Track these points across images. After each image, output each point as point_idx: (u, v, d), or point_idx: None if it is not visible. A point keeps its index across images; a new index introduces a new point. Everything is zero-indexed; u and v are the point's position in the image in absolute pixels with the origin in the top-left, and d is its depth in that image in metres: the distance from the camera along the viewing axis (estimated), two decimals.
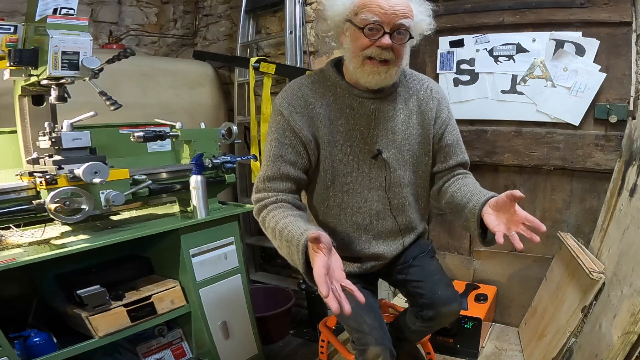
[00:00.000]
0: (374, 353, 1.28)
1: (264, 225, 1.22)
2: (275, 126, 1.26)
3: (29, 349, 1.34)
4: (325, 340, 1.78)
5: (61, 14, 1.43)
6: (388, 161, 1.29)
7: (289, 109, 1.24)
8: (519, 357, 2.05)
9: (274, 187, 1.24)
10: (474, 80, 2.24)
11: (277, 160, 1.23)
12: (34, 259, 1.26)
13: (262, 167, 1.27)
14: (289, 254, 1.08)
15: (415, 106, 1.33)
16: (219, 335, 1.77)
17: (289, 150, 1.24)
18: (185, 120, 1.89)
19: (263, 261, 2.96)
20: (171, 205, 2.01)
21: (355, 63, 1.19)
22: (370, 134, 1.27)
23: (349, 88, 1.25)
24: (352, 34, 1.18)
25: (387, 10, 1.13)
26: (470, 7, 2.18)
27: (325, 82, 1.28)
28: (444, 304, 1.31)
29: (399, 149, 1.30)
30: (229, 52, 2.95)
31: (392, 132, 1.28)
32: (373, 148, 1.27)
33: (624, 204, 1.70)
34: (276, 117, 1.26)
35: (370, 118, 1.26)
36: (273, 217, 1.17)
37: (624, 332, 1.34)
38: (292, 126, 1.23)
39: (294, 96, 1.26)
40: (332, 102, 1.26)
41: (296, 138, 1.23)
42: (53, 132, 1.48)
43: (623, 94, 1.93)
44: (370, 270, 1.38)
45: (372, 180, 1.30)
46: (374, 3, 1.13)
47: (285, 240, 1.07)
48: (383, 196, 1.31)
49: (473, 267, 2.42)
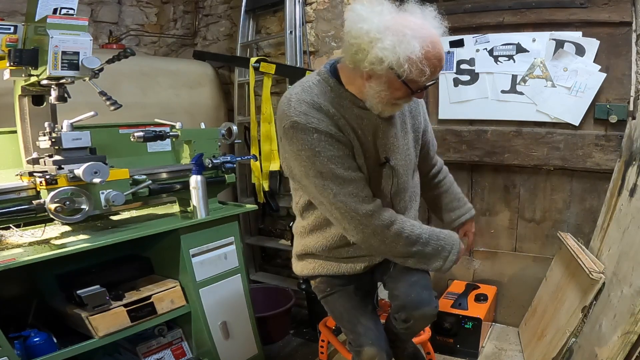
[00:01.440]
0: (369, 354, 1.28)
1: (399, 236, 1.21)
2: (320, 146, 1.14)
3: (29, 349, 1.34)
4: (325, 340, 1.78)
5: (61, 14, 1.43)
6: (395, 168, 1.29)
7: (321, 123, 1.15)
8: (519, 357, 2.05)
9: (369, 195, 1.21)
10: (474, 80, 2.24)
11: (349, 173, 1.18)
12: (34, 259, 1.26)
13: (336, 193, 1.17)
14: (434, 252, 1.26)
15: (407, 111, 1.35)
16: (219, 335, 1.77)
17: (350, 159, 1.19)
18: (185, 120, 1.89)
19: (263, 261, 2.96)
20: (171, 205, 2.01)
21: (385, 104, 1.16)
22: (379, 143, 1.26)
23: (354, 99, 1.20)
24: (389, 82, 1.10)
25: (440, 70, 1.12)
26: (470, 7, 2.18)
27: (330, 93, 1.21)
28: (416, 307, 1.27)
29: (402, 155, 1.30)
30: (229, 52, 2.95)
31: (396, 138, 1.28)
32: (381, 156, 1.27)
33: (624, 204, 1.70)
34: (312, 137, 1.14)
35: (377, 128, 1.24)
36: (412, 227, 1.23)
37: (624, 332, 1.34)
38: (336, 137, 1.16)
39: (315, 110, 1.16)
40: (344, 114, 1.20)
41: (346, 146, 1.19)
42: (53, 132, 1.49)
43: (623, 94, 1.93)
44: (362, 270, 1.37)
45: (381, 187, 1.29)
46: (435, 68, 1.08)
47: (437, 239, 1.27)
48: (387, 203, 1.30)
49: (473, 267, 2.42)
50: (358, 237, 1.22)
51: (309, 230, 1.37)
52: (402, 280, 1.32)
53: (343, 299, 1.37)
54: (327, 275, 1.38)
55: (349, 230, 1.22)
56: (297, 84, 1.25)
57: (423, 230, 1.25)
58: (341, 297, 1.37)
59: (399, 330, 1.36)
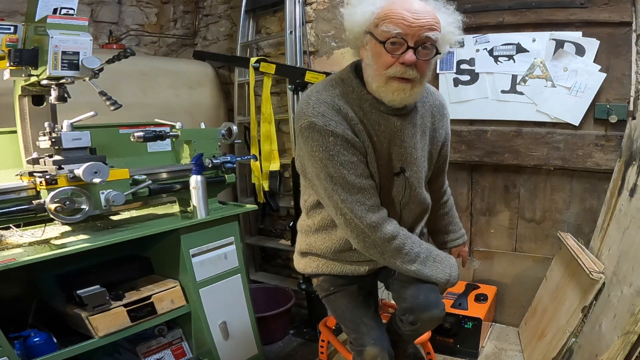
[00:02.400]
0: (371, 354, 1.28)
1: (399, 252, 1.21)
2: (334, 149, 1.13)
3: (29, 349, 1.34)
4: (325, 340, 1.78)
5: (61, 14, 1.43)
6: (410, 179, 1.27)
7: (338, 127, 1.13)
8: (519, 357, 2.05)
9: (376, 204, 1.20)
10: (474, 80, 2.24)
11: (360, 180, 1.17)
12: (34, 259, 1.26)
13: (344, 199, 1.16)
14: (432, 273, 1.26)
15: (429, 122, 1.31)
16: (219, 335, 1.77)
17: (362, 166, 1.17)
18: (185, 120, 1.89)
19: (263, 261, 2.96)
20: (171, 205, 2.01)
21: (379, 82, 1.13)
22: (395, 151, 1.23)
23: (375, 103, 1.18)
24: (372, 48, 1.10)
25: (412, 22, 1.03)
26: (470, 7, 2.18)
27: (351, 94, 1.18)
28: (424, 309, 1.26)
29: (418, 166, 1.28)
30: (229, 52, 2.95)
31: (415, 149, 1.26)
32: (397, 166, 1.24)
33: (624, 204, 1.70)
34: (328, 140, 1.12)
35: (395, 135, 1.21)
36: (412, 245, 1.23)
37: (624, 332, 1.34)
38: (352, 142, 1.15)
39: (334, 112, 1.14)
40: (362, 118, 1.18)
41: (361, 152, 1.17)
42: (53, 132, 1.48)
43: (623, 94, 1.93)
44: (366, 272, 1.37)
45: (393, 198, 1.28)
46: (397, 14, 1.04)
47: (434, 262, 1.26)
48: (396, 212, 1.29)
49: (473, 267, 2.42)
50: (359, 246, 1.23)
51: (315, 230, 1.36)
52: (409, 282, 1.31)
53: (346, 298, 1.37)
54: (330, 275, 1.38)
55: (351, 237, 1.22)
56: (321, 81, 1.24)
57: (422, 250, 1.25)
58: (344, 297, 1.37)
59: (404, 332, 1.36)
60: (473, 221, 2.39)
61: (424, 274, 1.24)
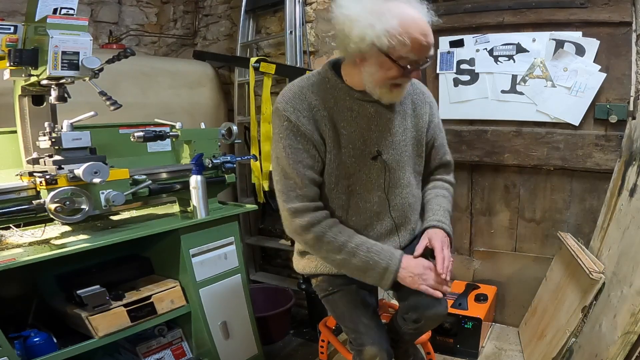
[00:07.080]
0: (370, 353, 1.28)
1: (321, 240, 1.22)
2: (284, 133, 1.21)
3: (29, 349, 1.34)
4: (325, 340, 1.78)
5: (61, 14, 1.44)
6: (387, 162, 1.29)
7: (295, 113, 1.20)
8: (519, 357, 2.05)
9: (308, 195, 1.22)
10: (474, 80, 2.24)
11: (298, 167, 1.21)
12: (34, 259, 1.26)
13: (280, 179, 1.23)
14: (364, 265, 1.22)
15: (410, 109, 1.35)
16: (219, 335, 1.77)
17: (305, 155, 1.21)
18: (185, 120, 1.89)
19: (263, 261, 2.96)
20: (171, 205, 2.01)
21: (382, 88, 1.18)
22: (370, 136, 1.27)
23: (349, 91, 1.24)
24: (380, 62, 1.13)
25: (425, 47, 1.11)
26: (470, 7, 2.18)
27: (325, 85, 1.25)
28: (428, 307, 1.26)
29: (397, 150, 1.31)
30: (229, 52, 2.95)
31: (391, 133, 1.29)
32: (373, 150, 1.27)
33: (624, 204, 1.70)
34: (283, 123, 1.21)
35: (370, 121, 1.26)
36: (337, 234, 1.22)
37: (624, 332, 1.34)
38: (302, 131, 1.20)
39: (298, 100, 1.22)
40: (333, 105, 1.24)
41: (308, 142, 1.21)
42: (53, 132, 1.49)
43: (623, 94, 1.93)
44: None
45: (372, 181, 1.30)
46: (415, 40, 1.08)
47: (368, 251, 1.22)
48: (383, 197, 1.31)
49: (473, 267, 2.42)
50: (286, 231, 1.28)
51: None
52: None
53: (345, 298, 1.37)
54: (328, 274, 1.38)
55: (282, 221, 1.27)
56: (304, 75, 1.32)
57: (351, 240, 1.23)
58: (343, 297, 1.37)
59: (406, 331, 1.36)
60: (473, 221, 2.39)
61: (352, 264, 1.22)
